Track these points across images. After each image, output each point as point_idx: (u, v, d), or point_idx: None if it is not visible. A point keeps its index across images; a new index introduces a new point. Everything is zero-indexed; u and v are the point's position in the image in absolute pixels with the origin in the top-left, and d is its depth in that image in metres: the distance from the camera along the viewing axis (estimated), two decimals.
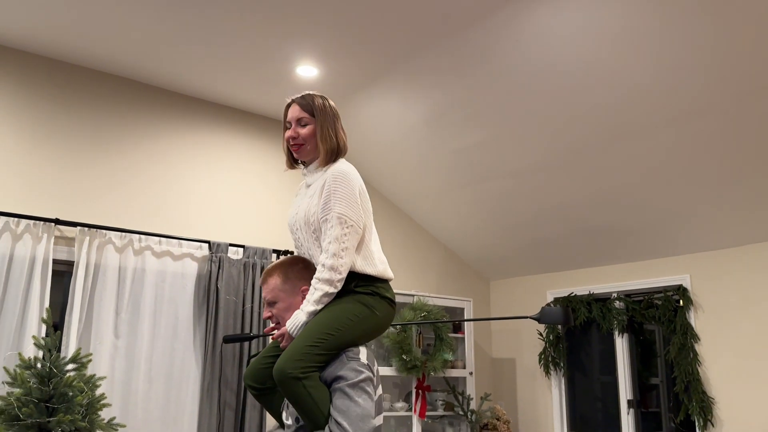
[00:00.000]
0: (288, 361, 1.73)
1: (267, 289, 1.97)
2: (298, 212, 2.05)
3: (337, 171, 1.98)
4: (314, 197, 1.99)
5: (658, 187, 4.23)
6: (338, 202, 1.92)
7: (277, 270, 1.98)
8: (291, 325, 1.87)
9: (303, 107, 2.05)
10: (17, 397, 2.52)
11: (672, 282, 4.76)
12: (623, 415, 4.98)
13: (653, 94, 3.61)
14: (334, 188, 1.94)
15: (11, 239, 3.65)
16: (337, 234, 1.88)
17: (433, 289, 5.73)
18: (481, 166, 4.73)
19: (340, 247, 1.86)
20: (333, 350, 1.80)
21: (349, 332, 1.82)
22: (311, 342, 1.76)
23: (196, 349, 4.17)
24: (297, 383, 1.71)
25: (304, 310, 1.86)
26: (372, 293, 1.92)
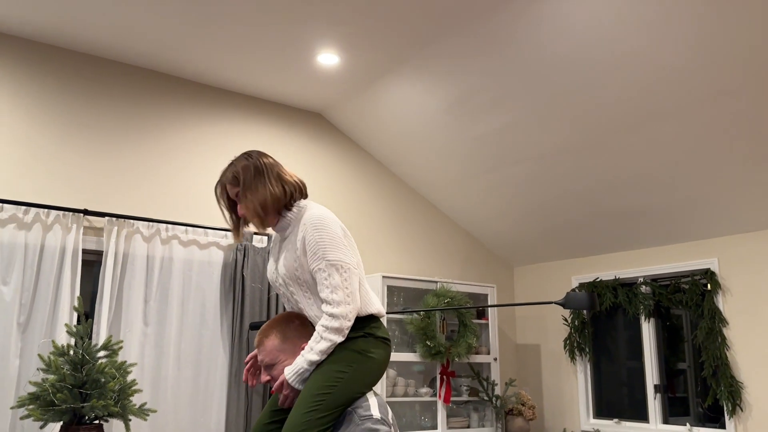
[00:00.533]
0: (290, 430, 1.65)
1: (264, 352, 1.86)
2: (279, 267, 1.96)
3: (313, 219, 1.89)
4: (294, 250, 1.90)
5: (685, 169, 4.17)
6: (327, 250, 1.83)
7: (274, 330, 1.89)
8: (290, 372, 1.77)
9: (232, 184, 1.98)
10: (52, 384, 2.59)
11: (699, 266, 4.70)
12: (650, 401, 4.95)
13: (681, 75, 3.55)
14: (318, 237, 1.85)
15: (42, 230, 3.73)
16: (338, 281, 1.79)
17: (457, 275, 5.73)
18: (504, 151, 4.70)
19: (345, 294, 1.78)
20: (336, 408, 1.71)
21: (347, 386, 1.74)
22: (308, 408, 1.68)
23: (223, 336, 4.24)
24: None
25: (305, 357, 1.76)
26: (365, 335, 1.85)
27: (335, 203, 5.09)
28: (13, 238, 3.63)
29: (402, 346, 4.99)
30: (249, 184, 1.95)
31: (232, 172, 2.00)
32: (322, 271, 1.82)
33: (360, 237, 5.17)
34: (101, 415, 2.63)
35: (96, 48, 4.08)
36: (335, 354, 1.78)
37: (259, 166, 1.98)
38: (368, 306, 1.89)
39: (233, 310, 4.25)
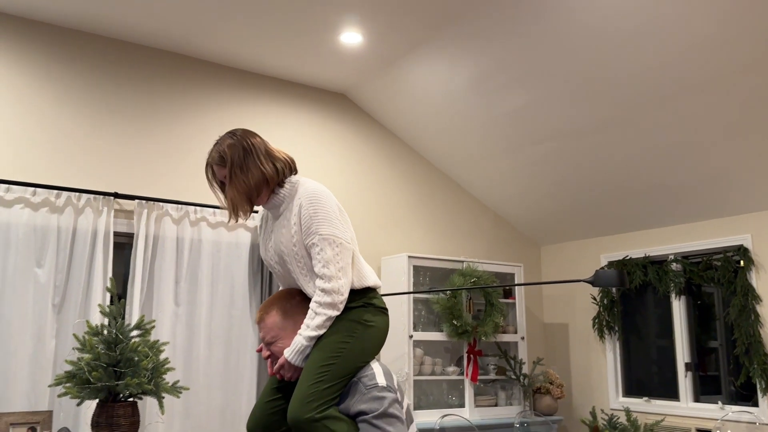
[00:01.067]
0: (299, 407, 1.65)
1: (265, 329, 1.87)
2: (275, 245, 1.94)
3: (309, 194, 1.89)
4: (289, 226, 1.90)
5: (716, 143, 4.07)
6: (321, 224, 1.83)
7: (275, 306, 1.89)
8: (290, 352, 1.78)
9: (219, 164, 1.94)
10: (87, 362, 2.65)
11: (732, 242, 4.61)
12: (680, 379, 4.90)
13: (712, 46, 3.46)
14: (313, 212, 1.85)
15: (74, 213, 3.80)
16: (330, 256, 1.80)
17: (483, 255, 5.71)
18: (530, 129, 4.64)
19: (336, 268, 1.79)
20: (341, 378, 1.72)
21: (350, 356, 1.75)
22: (314, 379, 1.69)
23: (252, 316, 4.29)
24: (316, 425, 1.64)
25: (303, 334, 1.77)
26: (364, 305, 1.86)
27: (360, 184, 5.09)
28: (46, 222, 3.71)
29: (429, 325, 5.00)
30: (240, 164, 1.91)
31: (218, 152, 1.96)
32: (316, 246, 1.82)
33: (385, 217, 5.17)
34: (135, 393, 2.69)
35: (123, 33, 4.11)
36: (336, 325, 1.79)
37: (246, 146, 1.94)
38: (364, 279, 1.89)
39: (261, 290, 4.30)
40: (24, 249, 3.62)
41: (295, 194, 1.94)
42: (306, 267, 1.89)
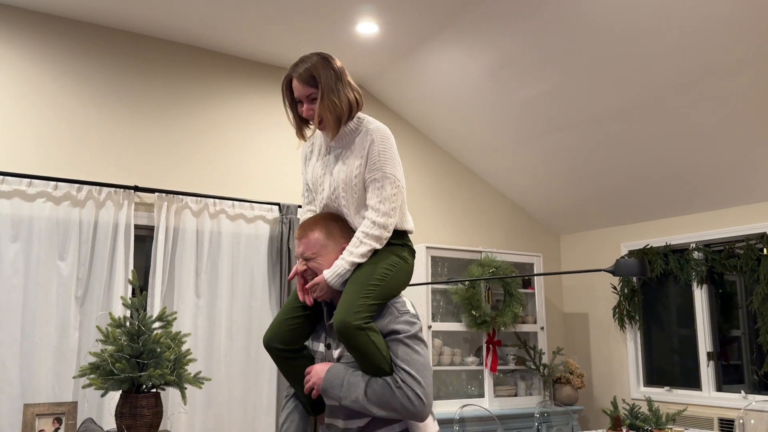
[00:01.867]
0: (349, 313, 1.74)
1: (307, 244, 1.92)
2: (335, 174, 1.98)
3: (381, 132, 1.94)
4: (353, 159, 1.94)
5: (736, 130, 4.00)
6: (387, 163, 1.91)
7: (319, 224, 1.94)
8: (331, 274, 1.86)
9: (305, 81, 1.94)
10: (110, 354, 2.69)
11: (754, 230, 4.54)
12: (702, 368, 4.85)
13: (732, 31, 3.39)
14: (382, 149, 1.92)
15: (95, 207, 3.85)
16: (389, 194, 1.89)
17: (501, 245, 5.69)
18: (549, 117, 4.60)
19: (390, 207, 1.89)
20: (382, 300, 1.82)
21: (391, 281, 1.86)
22: (364, 293, 1.78)
23: (272, 307, 4.32)
24: (362, 333, 1.73)
25: (346, 259, 1.85)
26: (403, 245, 1.97)
27: None
28: (68, 215, 3.76)
29: (447, 315, 5.00)
30: (332, 87, 1.94)
31: (308, 70, 1.95)
32: (377, 181, 1.90)
33: None
34: (158, 384, 2.72)
35: (141, 26, 4.13)
36: (382, 254, 1.89)
37: (337, 70, 1.97)
38: (406, 223, 1.99)
39: (281, 282, 4.32)
40: (47, 242, 3.67)
41: (361, 129, 1.98)
42: (357, 200, 1.95)
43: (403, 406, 1.72)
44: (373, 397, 1.73)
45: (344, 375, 1.79)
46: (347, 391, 1.76)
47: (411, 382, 1.72)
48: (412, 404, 1.72)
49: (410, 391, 1.72)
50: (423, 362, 1.77)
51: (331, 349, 1.92)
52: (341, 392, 1.77)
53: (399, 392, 1.72)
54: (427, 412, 1.75)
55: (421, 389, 1.72)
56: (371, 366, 1.76)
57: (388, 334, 1.80)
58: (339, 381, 1.78)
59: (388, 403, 1.72)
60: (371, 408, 1.74)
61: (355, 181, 1.93)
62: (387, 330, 1.80)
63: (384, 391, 1.73)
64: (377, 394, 1.73)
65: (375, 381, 1.75)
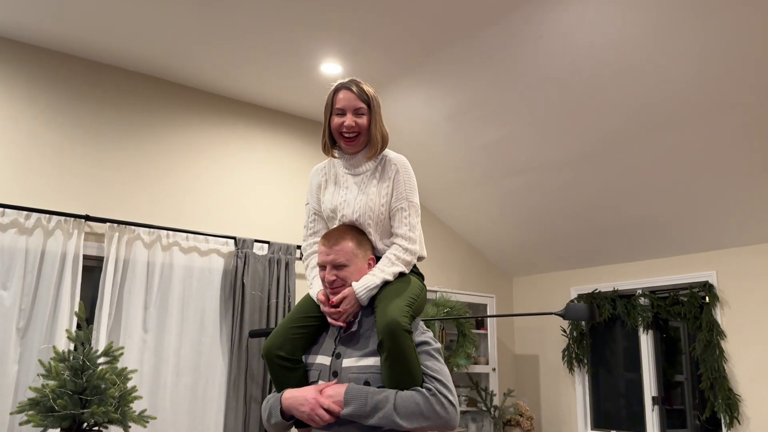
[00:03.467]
0: (400, 315, 1.78)
1: (341, 252, 1.92)
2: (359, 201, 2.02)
3: (403, 163, 2.07)
4: (379, 188, 2.02)
5: (684, 182, 4.19)
6: (411, 192, 2.03)
7: (349, 234, 1.97)
8: (361, 287, 1.88)
9: (359, 96, 2.05)
10: (52, 389, 2.59)
11: (698, 278, 4.72)
12: (648, 412, 4.95)
13: (681, 88, 3.58)
14: (407, 179, 2.04)
15: (43, 235, 3.73)
16: (415, 222, 2.02)
17: (456, 285, 5.74)
18: (504, 162, 4.72)
19: (417, 234, 2.01)
20: (415, 315, 1.89)
21: (421, 302, 1.95)
22: (408, 302, 1.85)
23: (222, 344, 4.23)
24: (408, 337, 1.77)
25: (378, 276, 1.90)
26: (418, 273, 2.07)
27: None
28: (13, 243, 3.63)
29: None
30: (380, 114, 2.09)
31: (363, 89, 2.09)
32: (404, 210, 2.01)
33: None
34: (101, 422, 2.63)
35: (100, 54, 4.09)
36: (412, 278, 1.98)
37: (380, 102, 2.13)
38: (423, 250, 2.10)
39: (233, 318, 4.25)
40: None
41: (385, 160, 2.07)
42: (382, 226, 2.02)
43: (437, 413, 1.72)
44: (403, 410, 1.71)
45: (366, 392, 1.74)
46: (374, 409, 1.71)
47: (444, 390, 1.76)
48: (446, 411, 1.74)
49: (445, 399, 1.74)
50: (448, 374, 1.83)
51: (341, 359, 1.86)
52: (366, 411, 1.71)
53: (434, 399, 1.73)
54: (457, 419, 1.78)
55: (453, 397, 1.77)
56: (408, 373, 1.75)
57: (418, 345, 1.83)
58: (362, 399, 1.72)
59: (422, 413, 1.71)
60: (401, 422, 1.71)
61: (381, 210, 2.01)
62: (417, 342, 1.84)
63: (416, 401, 1.72)
64: (408, 406, 1.71)
65: (401, 394, 1.73)
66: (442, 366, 1.83)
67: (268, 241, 4.52)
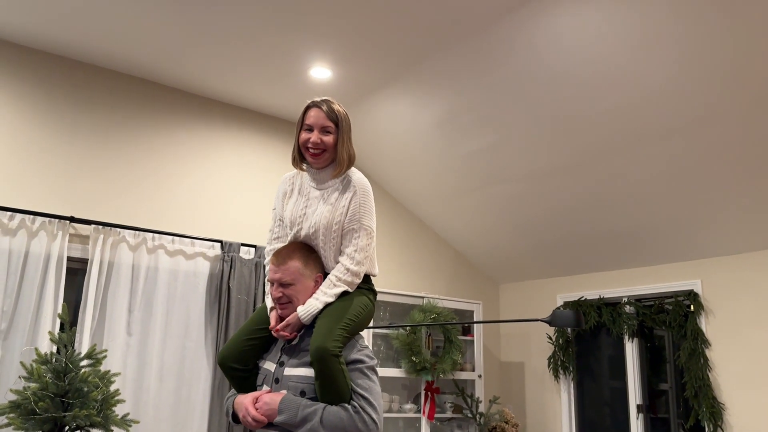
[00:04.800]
0: (328, 339, 1.86)
1: (287, 271, 2.01)
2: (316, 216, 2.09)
3: (363, 185, 2.11)
4: (335, 206, 2.08)
5: (669, 191, 4.22)
6: (366, 215, 2.07)
7: (297, 253, 2.05)
8: (304, 312, 1.97)
9: (328, 115, 2.13)
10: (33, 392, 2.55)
11: (683, 287, 4.75)
12: (632, 421, 4.96)
13: (667, 98, 3.62)
14: (363, 201, 2.08)
15: (27, 236, 3.69)
16: (363, 245, 2.05)
17: (443, 291, 5.74)
18: (492, 170, 4.74)
19: (364, 256, 2.05)
20: (352, 334, 1.97)
21: (362, 320, 2.02)
22: (342, 325, 1.91)
23: (207, 348, 4.20)
24: (335, 360, 1.85)
25: (320, 299, 1.99)
26: (369, 289, 2.12)
27: None
28: None
29: (387, 361, 4.97)
30: (348, 134, 2.15)
31: (333, 109, 2.16)
32: (355, 231, 2.05)
33: None
34: (83, 425, 2.59)
35: (87, 55, 4.06)
36: (357, 295, 2.04)
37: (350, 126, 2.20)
38: (373, 268, 2.15)
39: (218, 322, 4.21)
40: None
41: (348, 180, 2.12)
42: (335, 246, 2.08)
43: (359, 429, 1.82)
44: (328, 424, 1.81)
45: (298, 403, 1.85)
46: (303, 420, 1.82)
47: (368, 408, 1.85)
48: (367, 427, 1.83)
49: (367, 416, 1.84)
50: (377, 391, 1.92)
51: (284, 367, 1.97)
52: (296, 421, 1.82)
53: (357, 417, 1.83)
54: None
55: (376, 415, 1.86)
56: (335, 392, 1.85)
57: (351, 363, 1.92)
58: (294, 410, 1.84)
59: (344, 428, 1.81)
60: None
61: (335, 227, 2.07)
62: (350, 359, 1.93)
63: (341, 416, 1.82)
64: (333, 420, 1.82)
65: (329, 409, 1.84)
66: (371, 383, 1.92)
67: (254, 245, 4.50)
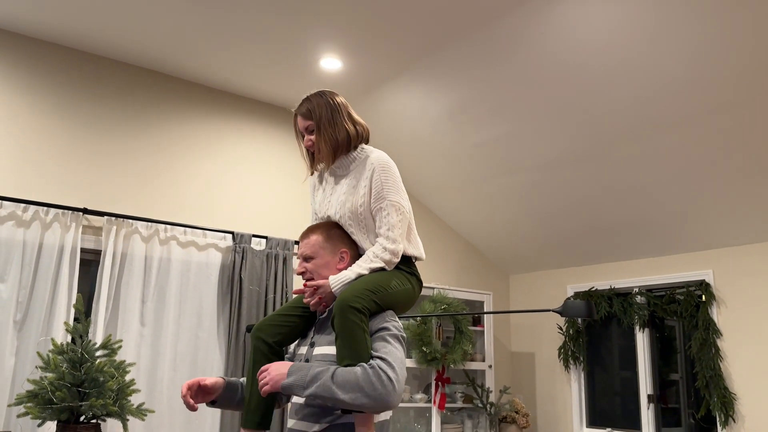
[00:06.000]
0: (351, 295, 1.82)
1: (308, 245, 2.01)
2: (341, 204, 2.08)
3: (382, 162, 2.06)
4: (358, 188, 2.06)
5: (682, 181, 4.20)
6: (391, 191, 2.02)
7: (320, 228, 2.04)
8: (336, 280, 1.93)
9: (304, 116, 2.12)
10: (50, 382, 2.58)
11: (694, 277, 4.74)
12: (643, 411, 4.97)
13: (680, 87, 3.59)
14: (384, 178, 2.03)
15: (41, 228, 3.72)
16: (395, 221, 1.99)
17: (453, 282, 5.75)
18: (502, 160, 4.73)
19: (399, 233, 1.99)
20: (382, 304, 1.89)
21: (395, 295, 1.94)
22: (371, 287, 1.87)
23: (219, 338, 4.23)
24: (355, 314, 1.79)
25: (354, 270, 1.95)
26: (411, 273, 2.07)
27: None
28: (11, 236, 3.62)
29: None
30: (327, 119, 2.08)
31: (304, 104, 2.13)
32: (383, 210, 2.00)
33: None
34: (99, 414, 2.62)
35: (99, 47, 4.08)
36: (394, 273, 2.00)
37: (334, 105, 2.12)
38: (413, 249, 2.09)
39: (230, 312, 4.24)
40: None
41: (365, 159, 2.09)
42: (366, 227, 2.05)
43: (374, 386, 1.67)
44: (341, 380, 1.69)
45: (309, 366, 1.76)
46: (312, 379, 1.71)
47: (385, 366, 1.71)
48: (384, 386, 1.67)
49: (384, 375, 1.69)
50: (399, 357, 1.79)
51: (314, 347, 1.93)
52: (306, 381, 1.72)
53: (372, 372, 1.69)
54: (396, 398, 1.71)
55: (393, 374, 1.70)
56: (353, 350, 1.76)
57: (376, 332, 1.84)
58: (304, 372, 1.74)
59: (358, 384, 1.68)
60: (337, 391, 1.68)
61: (361, 210, 2.04)
62: (375, 328, 1.84)
63: (355, 373, 1.69)
64: (345, 376, 1.69)
65: (342, 368, 1.73)
66: (393, 348, 1.79)
67: (266, 236, 4.52)
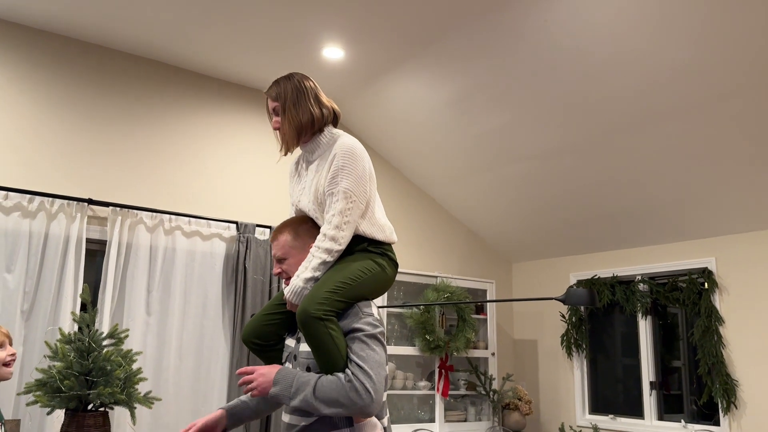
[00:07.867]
0: (310, 303, 1.79)
1: (277, 246, 2.01)
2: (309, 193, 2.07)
3: (344, 147, 2.02)
4: (321, 174, 2.03)
5: (684, 169, 4.20)
6: (345, 178, 1.96)
7: (288, 227, 2.03)
8: (289, 292, 1.92)
9: (272, 98, 2.12)
10: (59, 370, 2.62)
11: (697, 265, 4.75)
12: (645, 397, 5.00)
13: (683, 75, 3.59)
14: (342, 164, 1.98)
15: (46, 218, 3.75)
16: (341, 207, 1.93)
17: (456, 270, 5.77)
18: (505, 149, 4.73)
19: (342, 220, 1.92)
20: (349, 299, 1.86)
21: (363, 284, 1.90)
22: (331, 288, 1.83)
23: (224, 327, 4.26)
24: (319, 324, 1.76)
25: (300, 276, 1.91)
26: (381, 254, 2.02)
27: None
28: (17, 226, 3.65)
29: (401, 339, 5.02)
30: (292, 100, 2.08)
31: (272, 86, 2.14)
32: (333, 195, 1.96)
33: None
34: (107, 403, 2.66)
35: (103, 38, 4.08)
36: (361, 258, 1.95)
37: (300, 87, 2.11)
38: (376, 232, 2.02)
39: (235, 301, 4.27)
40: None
41: (333, 144, 2.07)
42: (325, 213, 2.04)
43: (351, 399, 1.70)
44: (321, 395, 1.71)
45: (294, 375, 1.77)
46: (297, 391, 1.74)
47: (362, 375, 1.72)
48: (360, 397, 1.70)
49: (359, 384, 1.71)
50: (377, 360, 1.77)
51: (300, 343, 1.93)
52: (291, 392, 1.74)
53: (348, 385, 1.71)
54: (374, 407, 1.73)
55: (371, 383, 1.72)
56: (326, 360, 1.76)
57: (349, 332, 1.82)
58: (289, 381, 1.76)
59: (336, 398, 1.71)
60: (319, 406, 1.71)
61: (320, 197, 2.01)
62: (348, 328, 1.82)
63: (333, 386, 1.72)
64: (325, 390, 1.72)
65: (323, 379, 1.74)
66: (370, 351, 1.78)
67: (270, 226, 4.54)
